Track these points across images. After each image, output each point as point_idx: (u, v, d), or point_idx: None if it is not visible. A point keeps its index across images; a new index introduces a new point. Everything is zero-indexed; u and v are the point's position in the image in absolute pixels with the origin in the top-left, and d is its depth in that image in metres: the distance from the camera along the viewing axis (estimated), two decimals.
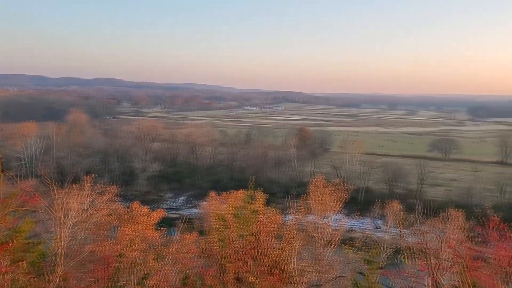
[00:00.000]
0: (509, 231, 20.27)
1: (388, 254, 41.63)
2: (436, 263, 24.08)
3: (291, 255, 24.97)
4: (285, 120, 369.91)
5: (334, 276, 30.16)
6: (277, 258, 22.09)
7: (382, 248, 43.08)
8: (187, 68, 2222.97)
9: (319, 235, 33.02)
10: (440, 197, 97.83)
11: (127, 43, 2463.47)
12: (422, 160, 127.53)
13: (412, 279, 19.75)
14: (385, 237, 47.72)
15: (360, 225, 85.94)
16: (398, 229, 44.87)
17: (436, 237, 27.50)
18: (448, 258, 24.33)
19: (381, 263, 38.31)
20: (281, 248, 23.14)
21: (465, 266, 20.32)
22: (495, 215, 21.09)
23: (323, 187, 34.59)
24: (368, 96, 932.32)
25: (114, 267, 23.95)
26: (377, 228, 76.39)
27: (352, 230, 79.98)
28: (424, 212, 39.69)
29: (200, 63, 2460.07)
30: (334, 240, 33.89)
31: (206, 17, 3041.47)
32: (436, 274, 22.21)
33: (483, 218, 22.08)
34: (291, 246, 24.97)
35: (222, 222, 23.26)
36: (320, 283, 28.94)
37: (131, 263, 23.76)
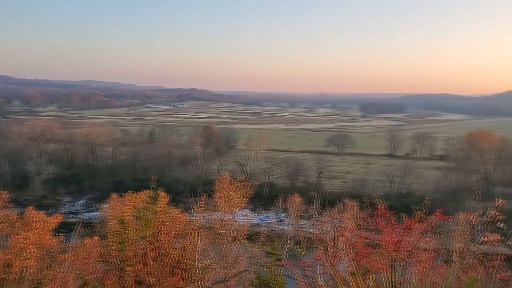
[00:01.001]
0: (394, 218, 22.18)
1: (291, 245, 43.50)
2: (333, 252, 25.70)
3: (194, 253, 25.03)
4: (190, 118, 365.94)
5: (239, 271, 30.79)
6: (179, 258, 21.94)
7: (285, 240, 44.92)
8: (82, 65, 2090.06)
9: (225, 231, 33.41)
10: (337, 188, 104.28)
11: (16, 36, 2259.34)
12: (320, 154, 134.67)
13: (309, 268, 20.86)
14: (288, 230, 49.85)
15: (265, 219, 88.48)
16: (297, 221, 47.20)
17: (333, 227, 29.19)
18: (344, 247, 25.94)
19: (283, 255, 39.90)
20: (183, 247, 23.06)
21: (357, 253, 21.88)
22: (381, 203, 22.93)
23: (229, 184, 35.06)
24: (269, 94, 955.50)
25: (1, 278, 22.04)
26: (280, 221, 79.26)
27: (257, 225, 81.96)
28: (323, 204, 42.16)
29: (96, 59, 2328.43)
30: (240, 236, 34.57)
31: (100, 10, 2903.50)
32: (333, 262, 23.68)
33: (371, 207, 23.90)
34: (194, 245, 25.04)
35: (122, 225, 22.51)
36: (226, 279, 29.36)
37: (21, 273, 22.05)
